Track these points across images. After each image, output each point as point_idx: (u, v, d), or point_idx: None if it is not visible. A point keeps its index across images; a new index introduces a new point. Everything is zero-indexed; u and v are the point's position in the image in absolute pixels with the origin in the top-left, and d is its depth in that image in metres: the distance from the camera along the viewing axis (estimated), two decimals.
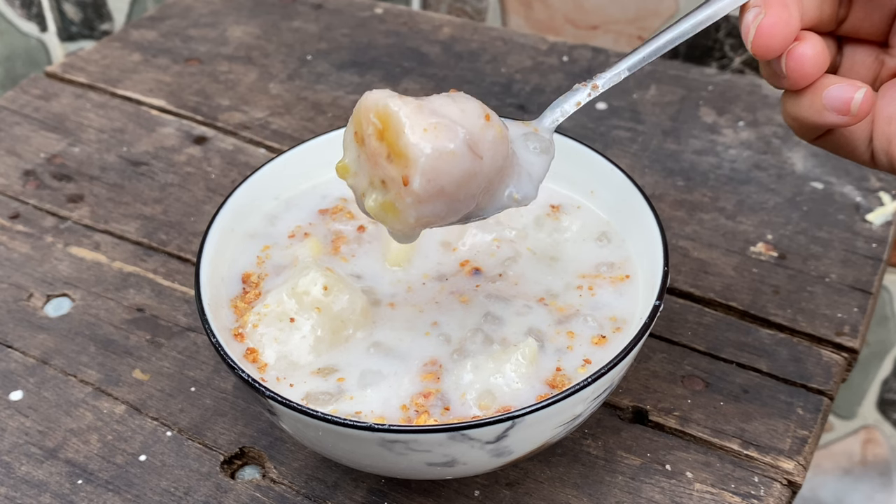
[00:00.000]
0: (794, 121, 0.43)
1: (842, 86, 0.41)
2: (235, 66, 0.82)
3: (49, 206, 0.68)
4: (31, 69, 1.20)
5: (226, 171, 0.71)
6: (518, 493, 0.49)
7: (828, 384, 0.54)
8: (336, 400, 0.44)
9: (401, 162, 0.39)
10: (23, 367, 0.56)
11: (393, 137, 0.39)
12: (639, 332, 0.43)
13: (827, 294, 0.59)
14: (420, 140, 0.39)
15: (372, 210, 0.41)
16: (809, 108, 0.42)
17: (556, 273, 0.51)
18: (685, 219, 0.65)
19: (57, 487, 0.50)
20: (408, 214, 0.40)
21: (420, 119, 0.39)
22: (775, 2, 0.40)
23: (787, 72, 0.41)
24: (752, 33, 0.40)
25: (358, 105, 0.41)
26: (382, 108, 0.40)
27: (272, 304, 0.47)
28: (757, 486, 0.49)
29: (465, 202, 0.41)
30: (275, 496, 0.49)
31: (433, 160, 0.39)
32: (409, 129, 0.39)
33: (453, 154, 0.39)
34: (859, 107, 0.40)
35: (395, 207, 0.40)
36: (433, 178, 0.39)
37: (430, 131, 0.39)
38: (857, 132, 0.43)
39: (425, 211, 0.40)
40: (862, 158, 0.44)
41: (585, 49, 0.83)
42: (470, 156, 0.40)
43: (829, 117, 0.41)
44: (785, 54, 0.41)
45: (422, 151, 0.39)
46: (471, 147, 0.40)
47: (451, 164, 0.39)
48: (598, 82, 0.44)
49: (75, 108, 0.77)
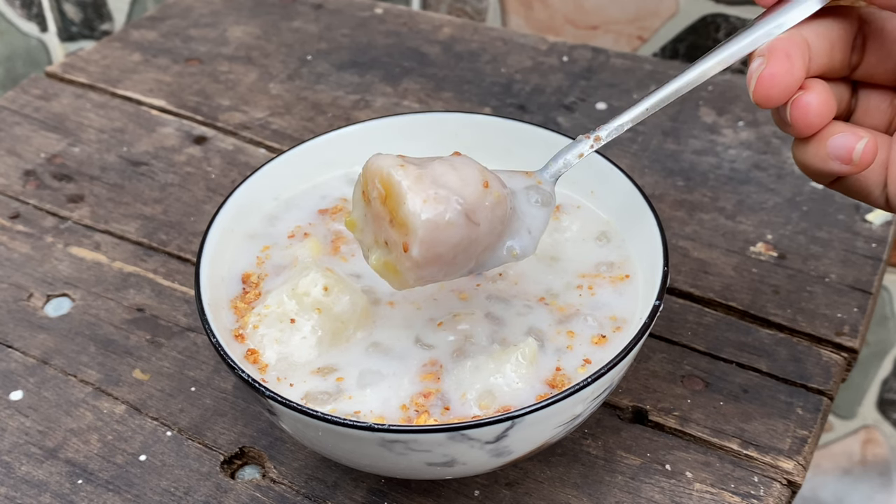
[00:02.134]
0: (803, 167, 0.43)
1: (845, 135, 0.41)
2: (235, 66, 0.82)
3: (49, 206, 0.68)
4: (31, 69, 1.20)
5: (226, 171, 0.71)
6: (518, 492, 0.49)
7: (827, 384, 0.54)
8: (335, 399, 0.44)
9: (402, 230, 0.41)
10: (23, 367, 0.56)
11: (395, 205, 0.41)
12: (639, 331, 0.43)
13: (827, 294, 0.59)
14: (420, 211, 0.41)
15: (375, 267, 0.44)
16: (815, 156, 0.42)
17: (556, 273, 0.51)
18: (685, 219, 0.65)
19: (57, 487, 0.50)
20: (407, 277, 0.42)
21: (420, 190, 0.41)
22: (778, 52, 0.41)
23: (791, 120, 0.41)
24: (754, 83, 0.41)
25: (365, 166, 0.43)
26: (386, 177, 0.41)
27: (273, 304, 0.47)
28: (757, 485, 0.49)
29: (462, 265, 0.43)
30: (275, 496, 0.49)
31: (431, 231, 0.41)
32: (411, 200, 0.41)
33: (450, 224, 0.41)
34: (860, 157, 0.41)
35: (396, 269, 0.43)
36: (431, 247, 0.41)
37: (430, 203, 0.41)
38: (871, 177, 0.43)
39: (423, 274, 0.42)
40: (878, 203, 0.44)
41: (585, 49, 0.83)
42: (467, 224, 0.42)
43: (834, 166, 0.42)
44: (790, 103, 0.41)
45: (420, 222, 0.41)
46: (468, 216, 0.42)
47: (447, 234, 0.41)
48: (601, 134, 0.45)
49: (75, 108, 0.77)
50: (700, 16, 0.92)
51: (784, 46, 0.41)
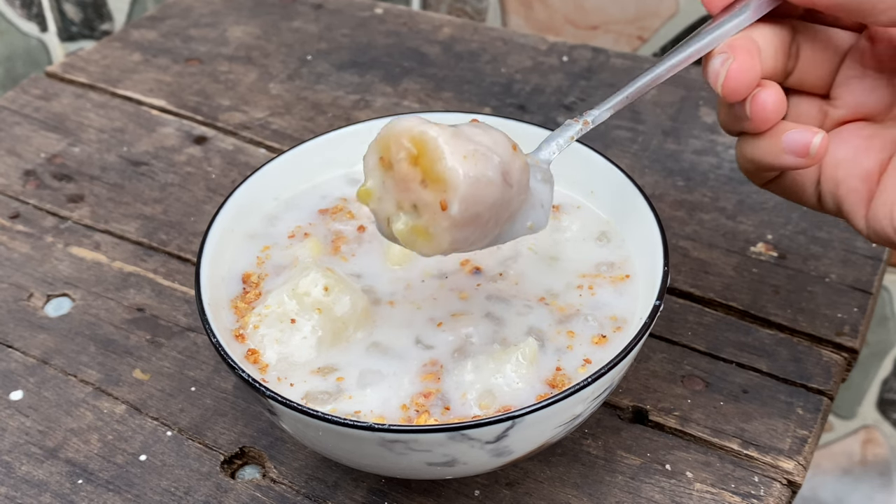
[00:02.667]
0: (751, 163, 0.45)
1: (801, 130, 0.43)
2: (235, 66, 0.82)
3: (49, 206, 0.68)
4: (31, 69, 1.20)
5: (226, 171, 0.71)
6: (518, 492, 0.49)
7: (828, 384, 0.54)
8: (335, 399, 0.44)
9: (438, 187, 0.40)
10: (23, 367, 0.56)
11: (430, 163, 0.40)
12: (639, 331, 0.43)
13: (827, 294, 0.59)
14: (459, 166, 0.39)
15: (401, 233, 0.42)
16: (768, 152, 0.44)
17: (556, 273, 0.51)
18: (685, 219, 0.65)
19: (57, 487, 0.50)
20: (441, 239, 0.41)
21: (458, 145, 0.40)
22: (741, 49, 0.43)
23: (750, 115, 0.43)
24: (723, 77, 0.43)
25: (385, 130, 0.41)
26: (418, 134, 0.40)
27: (273, 304, 0.47)
28: (757, 485, 0.49)
29: (493, 229, 0.42)
30: (275, 496, 0.49)
31: (472, 186, 0.39)
32: (450, 155, 0.39)
33: (489, 182, 0.40)
34: (817, 150, 0.43)
35: (428, 232, 0.41)
36: (470, 205, 0.40)
37: (469, 158, 0.39)
38: (805, 176, 0.46)
39: (459, 236, 0.41)
40: (810, 202, 0.47)
41: (585, 49, 0.83)
42: (503, 184, 0.40)
43: (788, 160, 0.44)
44: (749, 99, 0.43)
45: (462, 177, 0.39)
46: (504, 176, 0.40)
47: (486, 192, 0.40)
48: (588, 119, 0.46)
49: (75, 108, 0.77)
50: (700, 16, 0.92)
51: (744, 45, 0.43)
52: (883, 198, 0.44)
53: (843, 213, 0.46)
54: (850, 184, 0.45)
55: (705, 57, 0.44)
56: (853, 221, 0.46)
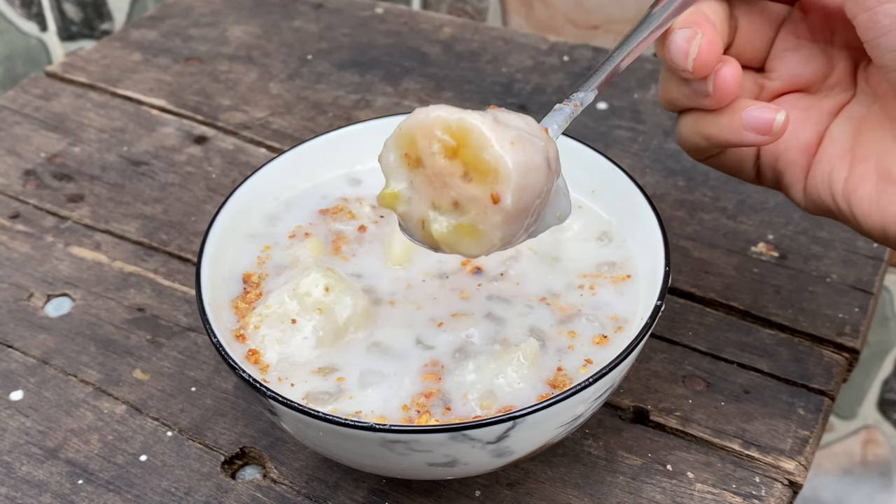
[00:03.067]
0: (706, 140, 0.45)
1: (762, 108, 0.43)
2: (236, 65, 0.82)
3: (49, 206, 0.68)
4: (31, 69, 1.20)
5: (226, 171, 0.71)
6: (519, 493, 0.49)
7: (829, 384, 0.54)
8: (336, 399, 0.44)
9: (486, 179, 0.37)
10: (23, 367, 0.56)
11: (474, 154, 0.37)
12: (640, 331, 0.43)
13: (828, 294, 0.59)
14: (508, 154, 0.36)
15: (443, 236, 0.38)
16: (726, 128, 0.44)
17: (557, 272, 0.51)
18: (686, 219, 0.65)
19: (57, 487, 0.50)
20: (493, 235, 0.38)
21: (502, 132, 0.37)
22: (706, 24, 0.43)
23: (714, 90, 0.43)
24: (694, 52, 0.42)
25: (408, 125, 0.38)
26: (456, 122, 0.37)
27: (274, 305, 0.47)
28: (758, 486, 0.49)
29: (531, 222, 0.39)
30: (275, 496, 0.49)
31: (524, 175, 0.37)
32: (497, 143, 0.36)
33: (538, 168, 0.37)
34: (780, 127, 0.43)
35: (477, 230, 0.38)
36: (523, 194, 0.37)
37: (517, 145, 0.37)
38: (745, 152, 0.46)
39: (510, 231, 0.38)
40: (748, 176, 0.47)
41: (586, 49, 0.83)
42: (548, 170, 0.38)
43: (748, 137, 0.43)
44: (712, 75, 0.43)
45: (513, 166, 0.36)
46: (547, 161, 0.38)
47: (537, 179, 0.37)
48: (577, 101, 0.44)
49: (75, 108, 0.77)
50: None
51: (705, 19, 0.43)
52: (820, 168, 0.44)
53: (782, 186, 0.46)
54: (789, 156, 0.45)
55: (663, 35, 0.44)
56: (791, 194, 0.46)
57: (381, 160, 0.40)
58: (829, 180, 0.44)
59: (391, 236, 0.52)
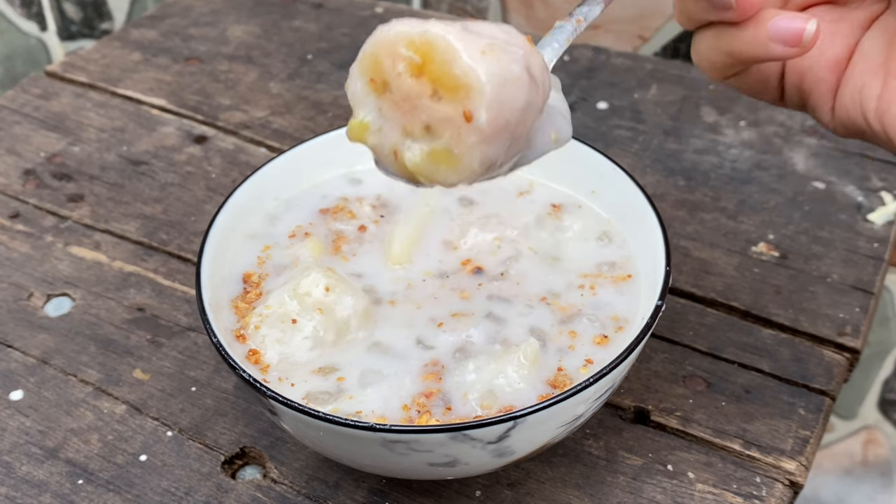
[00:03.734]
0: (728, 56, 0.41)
1: (791, 17, 0.39)
2: (236, 65, 0.82)
3: (49, 206, 0.68)
4: (31, 68, 1.20)
5: (226, 171, 0.70)
6: (519, 493, 0.49)
7: (829, 384, 0.54)
8: (336, 399, 0.44)
9: (457, 95, 0.33)
10: (23, 367, 0.56)
11: (442, 68, 0.33)
12: (641, 331, 0.43)
13: (828, 294, 0.59)
14: (480, 65, 0.33)
15: (417, 166, 0.35)
16: (752, 41, 0.40)
17: (557, 272, 0.50)
18: (686, 218, 0.65)
19: (57, 487, 0.50)
20: (471, 158, 0.34)
21: (471, 41, 0.33)
22: None
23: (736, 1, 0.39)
24: None
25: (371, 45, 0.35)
26: (420, 37, 0.33)
27: (274, 305, 0.47)
28: (759, 486, 0.49)
29: (520, 141, 0.35)
30: (276, 496, 0.49)
31: (498, 87, 0.33)
32: (465, 53, 0.33)
33: (516, 80, 0.33)
34: (811, 37, 0.39)
35: (452, 154, 0.34)
36: (500, 111, 0.33)
37: (489, 54, 0.33)
38: (769, 70, 0.43)
39: (490, 152, 0.34)
40: (772, 96, 0.44)
41: (586, 48, 0.83)
42: (530, 83, 0.34)
43: (776, 50, 0.40)
44: None
45: (485, 78, 0.33)
46: (529, 71, 0.34)
47: (514, 93, 0.33)
48: (580, 16, 0.41)
49: (75, 108, 0.77)
50: None
51: None
52: (850, 85, 0.41)
53: (808, 107, 0.43)
54: (816, 74, 0.42)
55: None
56: (818, 115, 0.43)
57: (348, 89, 0.36)
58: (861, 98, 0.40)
59: (391, 236, 0.52)
